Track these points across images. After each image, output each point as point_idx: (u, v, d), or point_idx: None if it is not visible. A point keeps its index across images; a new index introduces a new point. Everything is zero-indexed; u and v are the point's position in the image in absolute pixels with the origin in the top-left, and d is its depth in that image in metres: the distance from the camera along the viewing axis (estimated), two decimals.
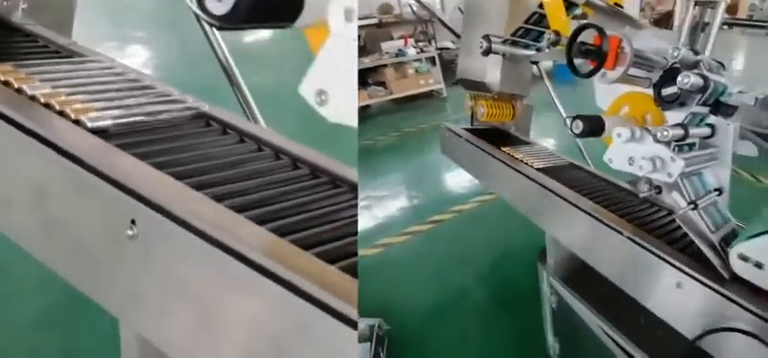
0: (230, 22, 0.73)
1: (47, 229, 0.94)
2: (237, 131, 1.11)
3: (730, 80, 1.37)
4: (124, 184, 0.83)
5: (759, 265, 1.09)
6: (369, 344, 2.50)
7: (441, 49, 7.41)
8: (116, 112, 1.04)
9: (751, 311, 1.08)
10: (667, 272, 1.24)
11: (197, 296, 0.77)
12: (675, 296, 1.22)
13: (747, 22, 10.60)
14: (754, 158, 5.40)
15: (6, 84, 1.07)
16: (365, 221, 3.90)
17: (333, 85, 0.71)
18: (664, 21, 9.07)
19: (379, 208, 4.21)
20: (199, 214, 0.78)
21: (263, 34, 6.26)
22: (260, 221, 0.82)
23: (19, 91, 1.05)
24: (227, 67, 1.88)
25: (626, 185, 1.81)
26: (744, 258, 1.12)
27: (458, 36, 4.21)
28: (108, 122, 0.99)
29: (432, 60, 7.34)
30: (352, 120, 0.72)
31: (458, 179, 4.60)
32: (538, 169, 1.83)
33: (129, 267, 0.84)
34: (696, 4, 2.33)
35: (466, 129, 2.37)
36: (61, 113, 0.99)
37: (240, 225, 0.79)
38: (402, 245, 3.61)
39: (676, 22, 2.98)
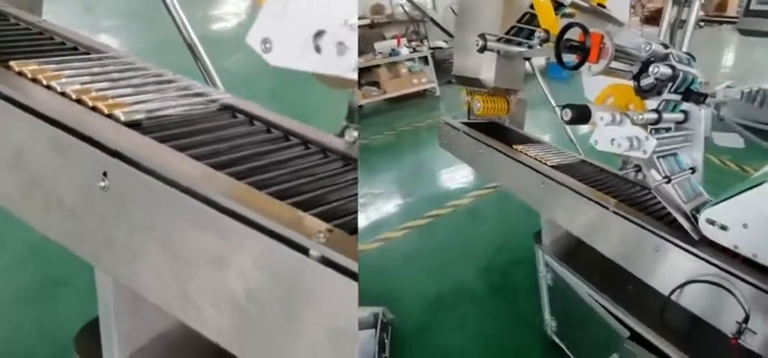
0: None
1: (26, 187, 1.07)
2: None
3: (719, 75, 1.59)
4: (96, 140, 0.96)
5: (724, 227, 1.32)
6: (374, 330, 2.69)
7: (433, 48, 7.63)
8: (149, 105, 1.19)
9: (717, 266, 1.30)
10: (647, 238, 1.46)
11: (165, 240, 0.91)
12: (654, 258, 1.44)
13: (732, 19, 10.89)
14: (741, 149, 5.73)
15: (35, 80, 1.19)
16: (364, 218, 4.09)
17: (276, 34, 0.81)
18: (655, 18, 9.39)
19: (377, 204, 4.41)
20: (165, 164, 0.92)
21: (228, 23, 6.59)
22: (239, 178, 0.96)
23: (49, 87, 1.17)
24: (192, 45, 2.13)
25: (617, 171, 2.04)
26: (711, 222, 1.34)
27: (451, 35, 4.38)
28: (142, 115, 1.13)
29: (424, 60, 7.56)
30: (301, 66, 0.79)
31: (454, 175, 4.82)
32: (552, 166, 1.99)
33: (103, 217, 0.97)
34: (674, 3, 2.61)
35: (463, 123, 2.58)
36: (94, 109, 1.12)
37: (206, 174, 0.93)
38: (401, 239, 3.80)
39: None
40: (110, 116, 1.10)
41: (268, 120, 1.24)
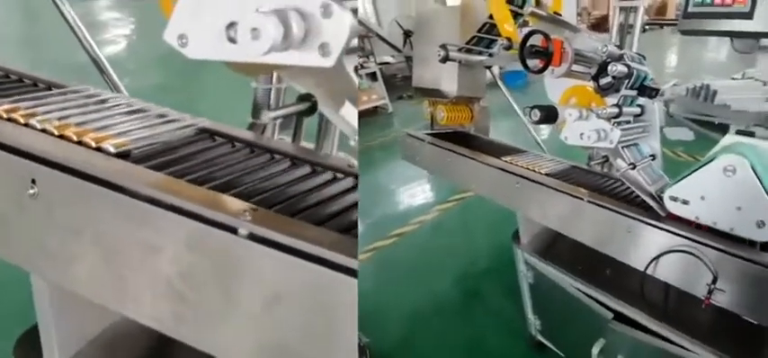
0: None
1: None
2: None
3: (664, 74, 1.90)
4: (22, 150, 1.11)
5: (685, 202, 1.60)
6: None
7: (381, 64, 7.92)
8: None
9: (683, 236, 1.58)
10: (620, 221, 1.73)
11: (96, 238, 1.06)
12: (628, 239, 1.70)
13: (671, 21, 12.69)
14: (692, 141, 6.45)
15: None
16: None
17: (190, 29, 0.91)
18: (601, 25, 10.51)
19: None
20: (90, 164, 1.08)
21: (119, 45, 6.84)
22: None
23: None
24: (98, 60, 2.52)
25: (585, 166, 2.31)
26: (674, 199, 1.62)
27: (398, 50, 4.66)
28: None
29: (372, 76, 7.83)
30: (217, 56, 0.90)
31: (414, 191, 5.06)
32: (545, 174, 2.14)
33: (34, 223, 1.11)
34: (621, 10, 3.07)
35: (428, 134, 2.78)
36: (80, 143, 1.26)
37: (132, 171, 1.12)
38: (368, 262, 3.95)
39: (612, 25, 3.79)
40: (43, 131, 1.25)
41: (193, 123, 1.47)
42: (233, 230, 0.96)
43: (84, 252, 1.08)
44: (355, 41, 0.91)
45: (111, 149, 1.21)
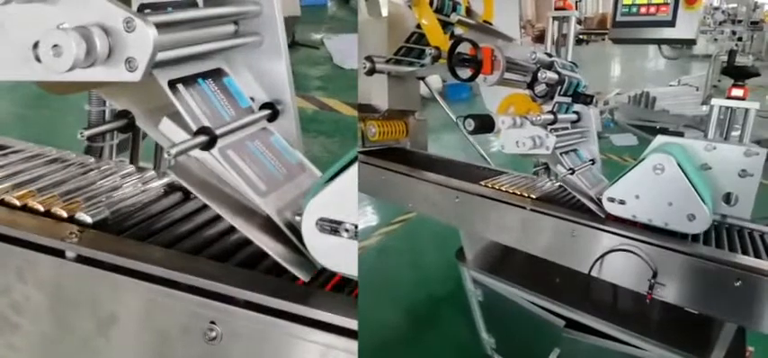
0: None
1: None
2: None
3: (609, 84, 2.11)
4: None
5: (622, 202, 1.79)
6: None
7: None
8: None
9: (623, 235, 1.75)
10: (563, 227, 1.90)
11: None
12: (572, 243, 1.88)
13: (603, 32, 14.71)
14: (636, 146, 7.20)
15: None
16: None
17: None
18: (544, 37, 11.52)
19: None
20: None
21: None
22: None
23: None
24: None
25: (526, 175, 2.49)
26: (612, 200, 1.81)
27: None
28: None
29: None
30: (26, 77, 0.97)
31: None
32: (536, 199, 2.12)
33: None
34: (554, 20, 3.42)
35: (360, 152, 2.85)
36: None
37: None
38: None
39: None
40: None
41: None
42: (60, 254, 1.04)
43: None
44: None
45: None
